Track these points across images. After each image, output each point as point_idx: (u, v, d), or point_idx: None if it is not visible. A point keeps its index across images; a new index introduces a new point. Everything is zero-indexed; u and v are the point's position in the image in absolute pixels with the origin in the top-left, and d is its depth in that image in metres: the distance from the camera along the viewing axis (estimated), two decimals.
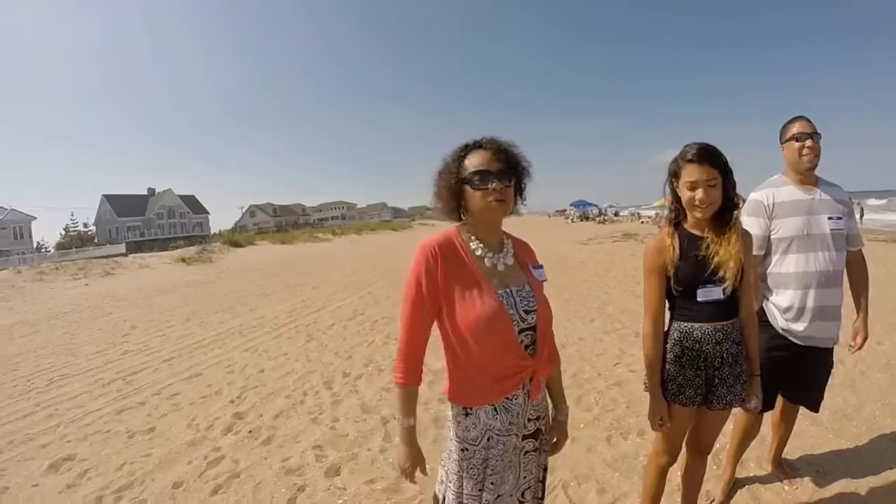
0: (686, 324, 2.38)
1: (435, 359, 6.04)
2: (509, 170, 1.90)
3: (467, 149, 1.94)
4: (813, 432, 4.00)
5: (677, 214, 2.42)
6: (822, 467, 3.55)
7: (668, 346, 2.43)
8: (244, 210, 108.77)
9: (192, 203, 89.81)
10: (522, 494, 2.03)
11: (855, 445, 3.84)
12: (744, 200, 3.16)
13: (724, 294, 2.29)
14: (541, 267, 2.10)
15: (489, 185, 1.84)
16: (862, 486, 3.31)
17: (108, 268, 22.00)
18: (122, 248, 47.54)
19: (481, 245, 1.95)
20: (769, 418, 3.41)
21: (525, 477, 2.02)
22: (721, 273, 2.26)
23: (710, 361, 2.36)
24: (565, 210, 73.80)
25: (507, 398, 1.91)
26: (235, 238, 37.03)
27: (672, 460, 2.61)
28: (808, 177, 3.02)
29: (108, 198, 79.78)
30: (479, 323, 1.82)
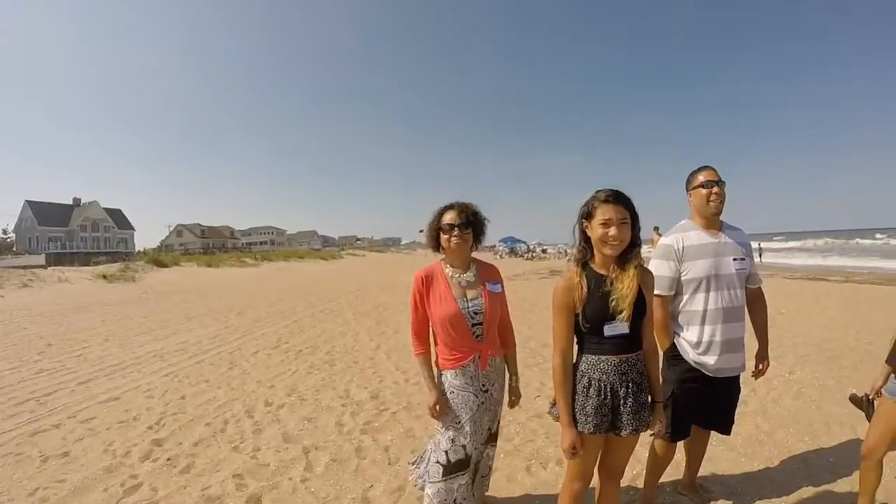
0: (594, 356, 2.50)
1: (358, 389, 6.06)
2: (468, 223, 3.00)
3: (445, 208, 3.03)
4: (727, 457, 4.17)
5: (584, 254, 2.55)
6: (735, 489, 3.70)
7: (577, 377, 2.54)
8: (171, 229, 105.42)
9: (118, 217, 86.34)
10: (473, 426, 2.96)
11: (766, 467, 4.03)
12: (660, 235, 3.37)
13: (629, 328, 2.45)
14: (496, 283, 3.11)
15: (452, 233, 2.95)
16: None
17: (25, 279, 20.89)
18: (41, 259, 45.02)
19: (452, 269, 3.05)
20: (683, 444, 3.53)
21: (482, 421, 3.00)
22: (620, 307, 2.41)
23: (616, 391, 2.47)
24: (494, 246, 74.41)
25: (463, 366, 2.94)
26: (160, 258, 35.61)
27: (585, 486, 2.68)
28: (713, 221, 3.20)
29: (32, 204, 75.77)
30: (444, 319, 2.93)
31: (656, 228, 14.69)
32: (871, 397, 3.10)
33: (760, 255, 37.85)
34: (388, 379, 6.65)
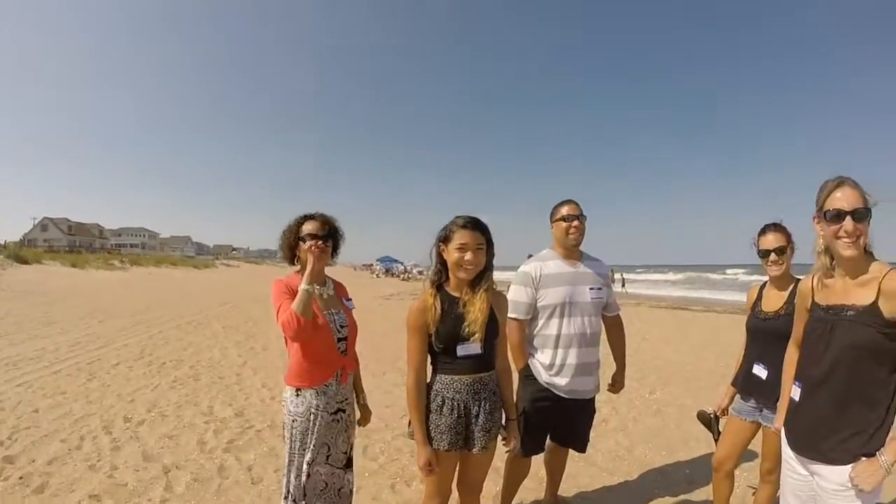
0: (447, 376, 2.49)
1: (223, 406, 5.92)
2: (329, 235, 2.84)
3: (305, 218, 2.85)
4: (588, 472, 4.34)
5: (440, 277, 2.56)
6: (595, 502, 3.86)
7: (431, 396, 2.51)
8: (36, 222, 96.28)
9: None
10: (319, 452, 2.75)
11: (626, 481, 4.23)
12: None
13: (481, 349, 2.46)
14: (350, 300, 3.06)
15: (315, 243, 2.71)
16: None
17: None
18: None
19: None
20: (543, 461, 3.66)
21: (324, 439, 2.76)
22: (472, 327, 2.43)
23: (470, 409, 2.47)
24: (372, 265, 73.64)
25: (325, 384, 2.75)
26: (22, 253, 32.61)
27: (443, 502, 2.64)
28: (573, 252, 3.31)
29: None
30: (313, 330, 2.65)
31: (530, 256, 15.21)
32: (717, 414, 3.39)
33: (623, 285, 39.88)
34: (253, 396, 6.50)
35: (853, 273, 2.04)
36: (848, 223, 1.94)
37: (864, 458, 1.93)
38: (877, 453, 1.91)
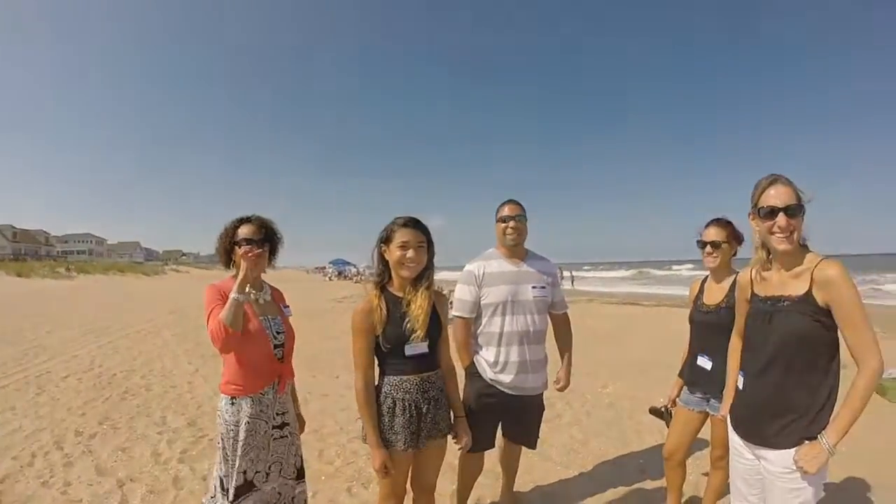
0: (395, 377, 2.50)
1: (175, 416, 5.88)
2: (266, 239, 2.71)
3: (241, 221, 2.71)
4: (543, 466, 4.41)
5: (383, 278, 2.59)
6: (551, 497, 3.93)
7: (381, 399, 2.51)
8: None
9: None
10: (271, 467, 2.67)
11: (580, 474, 4.31)
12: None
13: (428, 348, 2.50)
14: (288, 307, 2.94)
15: (250, 247, 2.59)
16: None
17: None
18: None
19: (248, 286, 2.58)
20: (496, 457, 3.71)
21: (274, 455, 2.67)
22: (415, 327, 2.46)
23: (419, 408, 2.49)
24: (324, 267, 72.76)
25: (261, 393, 2.61)
26: None
27: (399, 502, 2.64)
28: (515, 251, 3.31)
29: None
30: (247, 336, 2.53)
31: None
32: (668, 407, 3.51)
33: (573, 282, 40.35)
34: (206, 404, 6.41)
35: (788, 265, 2.15)
36: (781, 219, 2.05)
37: (806, 442, 2.02)
38: (818, 436, 2.00)
